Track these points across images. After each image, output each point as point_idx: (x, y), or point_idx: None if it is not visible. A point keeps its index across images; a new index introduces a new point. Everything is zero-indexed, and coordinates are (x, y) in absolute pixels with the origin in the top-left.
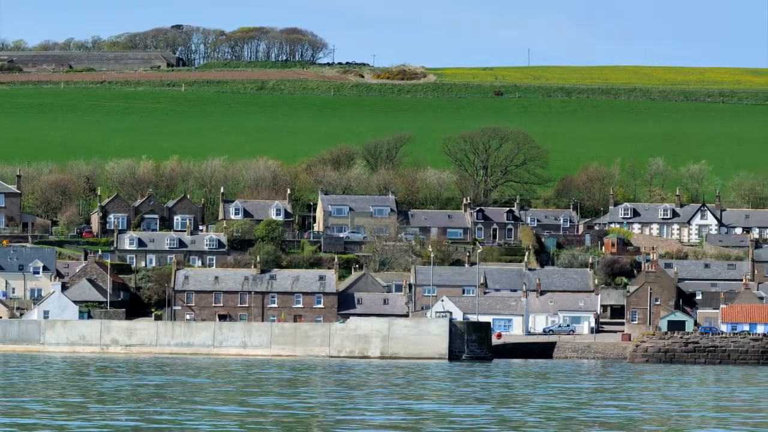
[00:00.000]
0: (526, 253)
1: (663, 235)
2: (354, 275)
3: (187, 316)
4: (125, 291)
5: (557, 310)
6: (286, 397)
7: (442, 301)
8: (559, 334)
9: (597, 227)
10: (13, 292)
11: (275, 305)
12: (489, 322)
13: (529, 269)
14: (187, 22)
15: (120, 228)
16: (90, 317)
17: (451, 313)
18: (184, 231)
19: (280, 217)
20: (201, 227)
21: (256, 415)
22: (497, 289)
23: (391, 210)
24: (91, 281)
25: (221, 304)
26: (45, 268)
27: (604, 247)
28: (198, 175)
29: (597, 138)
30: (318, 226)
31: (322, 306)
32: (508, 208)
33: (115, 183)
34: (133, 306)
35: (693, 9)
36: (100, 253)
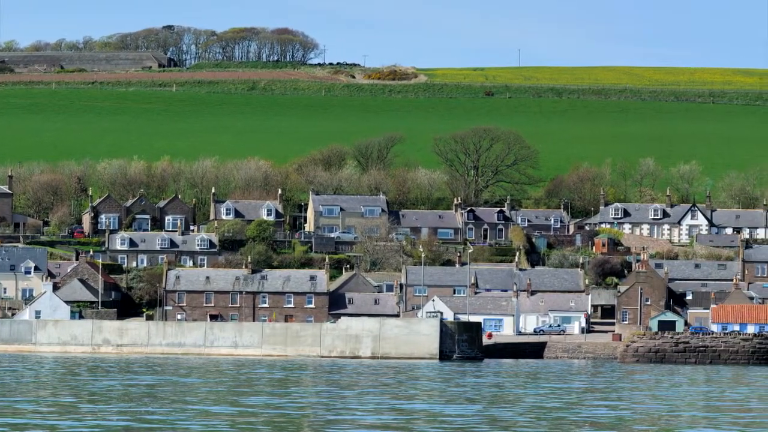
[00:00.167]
0: (517, 253)
1: (653, 235)
2: (345, 275)
3: (179, 316)
4: (116, 291)
5: (548, 310)
6: (277, 397)
7: (433, 301)
8: (549, 334)
9: (588, 227)
10: (4, 292)
11: (266, 305)
12: (480, 322)
13: (519, 269)
14: (178, 23)
15: (111, 228)
16: (81, 317)
17: (441, 313)
18: (176, 231)
19: (271, 218)
20: (192, 227)
21: (247, 415)
22: (488, 289)
23: (382, 210)
24: (82, 281)
25: (212, 304)
26: (36, 268)
27: (594, 248)
28: (189, 176)
29: (588, 138)
30: (309, 227)
31: (313, 306)
32: (498, 209)
33: (107, 183)
34: (125, 306)
35: (684, 10)
36: (92, 253)
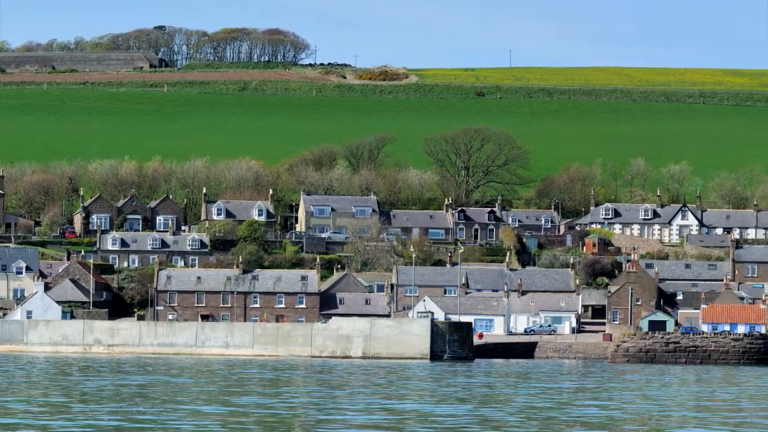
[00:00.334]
0: (508, 253)
1: (644, 235)
2: (336, 275)
3: (170, 317)
4: (108, 291)
5: (538, 310)
6: (268, 397)
7: (424, 301)
8: (540, 334)
9: (578, 227)
10: None
11: (257, 305)
12: (470, 322)
13: (510, 269)
14: (169, 23)
15: (103, 228)
16: (73, 317)
17: (432, 313)
18: (167, 231)
19: (263, 218)
20: (183, 228)
21: (238, 415)
22: (479, 290)
23: (373, 210)
24: (73, 281)
25: (204, 305)
26: (28, 269)
27: (585, 248)
28: (180, 176)
29: (578, 138)
30: (300, 227)
31: (304, 306)
32: (489, 209)
33: (98, 183)
34: (116, 306)
35: (674, 10)
36: (83, 253)
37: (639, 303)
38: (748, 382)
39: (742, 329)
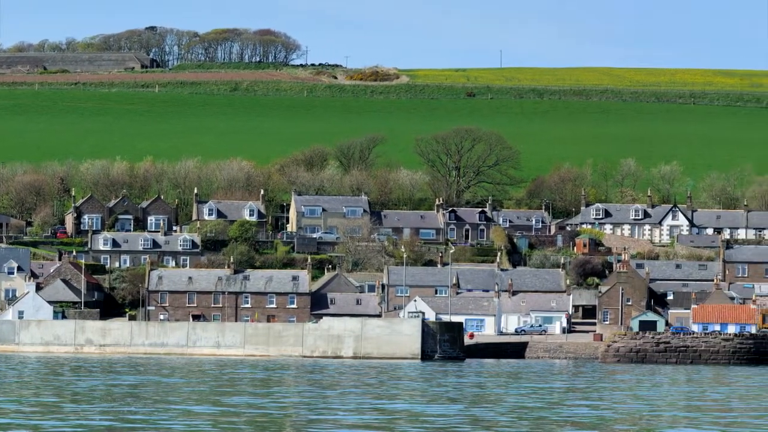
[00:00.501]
0: (499, 253)
1: (634, 235)
2: (327, 276)
3: (161, 317)
4: (99, 291)
5: (529, 310)
6: (259, 397)
7: (415, 301)
8: (531, 334)
9: (569, 228)
10: None
11: (249, 305)
12: (461, 323)
13: (501, 270)
14: (160, 24)
15: (94, 228)
16: (64, 317)
17: (423, 313)
18: (158, 231)
19: (254, 218)
20: (175, 228)
21: (229, 415)
22: (470, 290)
23: (364, 211)
24: (65, 281)
25: (195, 305)
26: (19, 269)
27: (575, 248)
28: (172, 176)
29: (569, 139)
30: (291, 227)
31: (295, 306)
32: (480, 209)
33: (90, 184)
34: (108, 306)
35: (664, 10)
36: (75, 253)
37: (629, 303)
38: (738, 382)
39: (732, 329)
